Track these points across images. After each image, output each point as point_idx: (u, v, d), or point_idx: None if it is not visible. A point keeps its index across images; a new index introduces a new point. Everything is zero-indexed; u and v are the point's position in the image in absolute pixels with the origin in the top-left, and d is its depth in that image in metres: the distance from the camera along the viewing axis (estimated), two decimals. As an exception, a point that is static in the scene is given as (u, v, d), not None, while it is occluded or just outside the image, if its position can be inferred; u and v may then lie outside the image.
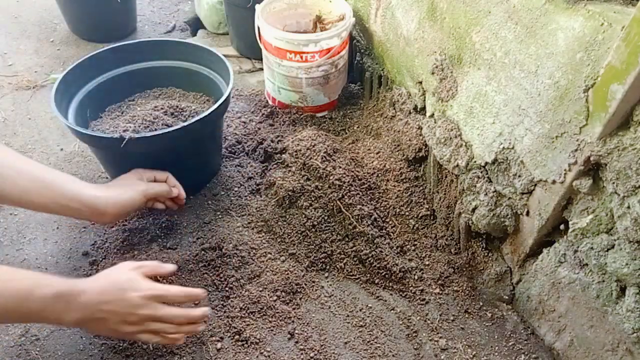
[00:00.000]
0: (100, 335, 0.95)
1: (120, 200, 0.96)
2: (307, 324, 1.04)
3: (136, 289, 0.82)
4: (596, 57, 0.74)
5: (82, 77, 1.22)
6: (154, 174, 1.07)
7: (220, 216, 1.21)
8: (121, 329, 0.82)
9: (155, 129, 1.08)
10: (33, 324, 1.00)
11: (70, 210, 0.93)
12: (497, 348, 1.03)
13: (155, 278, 0.92)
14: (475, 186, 1.07)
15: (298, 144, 1.25)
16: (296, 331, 1.02)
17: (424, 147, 1.24)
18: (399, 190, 1.26)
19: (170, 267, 0.91)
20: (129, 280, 0.83)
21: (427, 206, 1.25)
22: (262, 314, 1.04)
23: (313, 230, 1.15)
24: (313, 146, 1.25)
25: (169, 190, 1.07)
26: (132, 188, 1.00)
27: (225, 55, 1.25)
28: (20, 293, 0.73)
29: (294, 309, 1.06)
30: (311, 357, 0.98)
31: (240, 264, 1.11)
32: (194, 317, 0.86)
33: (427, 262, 1.16)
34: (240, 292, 1.07)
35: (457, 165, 1.11)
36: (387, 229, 1.19)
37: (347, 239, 1.16)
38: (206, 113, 1.08)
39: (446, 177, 1.19)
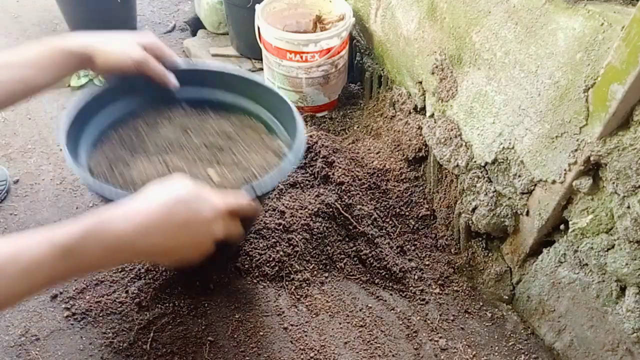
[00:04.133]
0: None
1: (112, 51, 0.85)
2: (307, 323, 1.04)
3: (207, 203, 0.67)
4: (596, 57, 0.74)
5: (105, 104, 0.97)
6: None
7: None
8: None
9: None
10: (35, 323, 1.01)
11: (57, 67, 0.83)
12: (497, 348, 1.03)
13: None
14: (475, 186, 1.07)
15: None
16: (296, 331, 1.02)
17: (424, 147, 1.24)
18: (399, 190, 1.26)
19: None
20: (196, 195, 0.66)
21: (427, 206, 1.25)
22: (261, 313, 1.04)
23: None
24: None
25: (162, 74, 0.92)
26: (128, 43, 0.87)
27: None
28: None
29: (293, 308, 1.06)
30: (311, 357, 0.98)
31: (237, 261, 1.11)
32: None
33: (427, 262, 1.16)
34: (239, 289, 1.07)
35: (457, 165, 1.11)
36: (387, 229, 1.19)
37: (347, 239, 1.16)
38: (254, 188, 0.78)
39: (446, 177, 1.19)
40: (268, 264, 1.11)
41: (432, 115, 1.20)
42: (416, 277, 1.13)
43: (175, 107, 1.02)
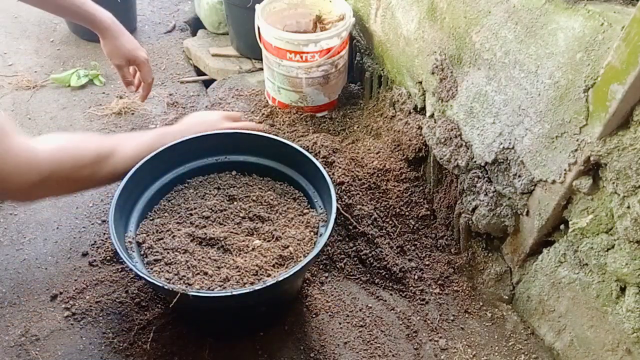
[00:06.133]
0: None
1: None
2: (307, 323, 1.04)
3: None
4: (596, 57, 0.74)
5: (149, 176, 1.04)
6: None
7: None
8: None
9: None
10: (35, 323, 1.01)
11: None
12: (497, 348, 1.03)
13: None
14: (475, 186, 1.07)
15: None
16: (296, 331, 1.02)
17: (424, 147, 1.24)
18: (399, 190, 1.26)
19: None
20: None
21: (427, 206, 1.25)
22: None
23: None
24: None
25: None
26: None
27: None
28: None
29: (293, 309, 1.06)
30: (311, 357, 0.98)
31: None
32: None
33: (427, 262, 1.16)
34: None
35: (457, 165, 1.11)
36: (387, 229, 1.19)
37: (347, 239, 1.16)
38: (286, 275, 0.84)
39: (446, 177, 1.19)
40: (268, 264, 1.11)
41: (432, 115, 1.20)
42: (416, 277, 1.13)
43: (225, 173, 1.10)
